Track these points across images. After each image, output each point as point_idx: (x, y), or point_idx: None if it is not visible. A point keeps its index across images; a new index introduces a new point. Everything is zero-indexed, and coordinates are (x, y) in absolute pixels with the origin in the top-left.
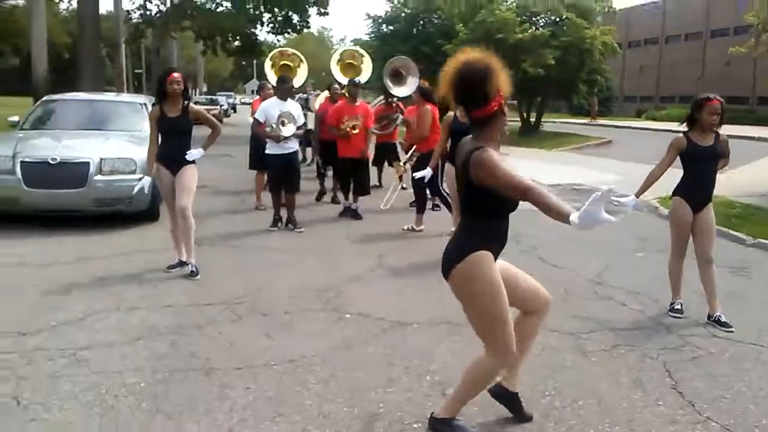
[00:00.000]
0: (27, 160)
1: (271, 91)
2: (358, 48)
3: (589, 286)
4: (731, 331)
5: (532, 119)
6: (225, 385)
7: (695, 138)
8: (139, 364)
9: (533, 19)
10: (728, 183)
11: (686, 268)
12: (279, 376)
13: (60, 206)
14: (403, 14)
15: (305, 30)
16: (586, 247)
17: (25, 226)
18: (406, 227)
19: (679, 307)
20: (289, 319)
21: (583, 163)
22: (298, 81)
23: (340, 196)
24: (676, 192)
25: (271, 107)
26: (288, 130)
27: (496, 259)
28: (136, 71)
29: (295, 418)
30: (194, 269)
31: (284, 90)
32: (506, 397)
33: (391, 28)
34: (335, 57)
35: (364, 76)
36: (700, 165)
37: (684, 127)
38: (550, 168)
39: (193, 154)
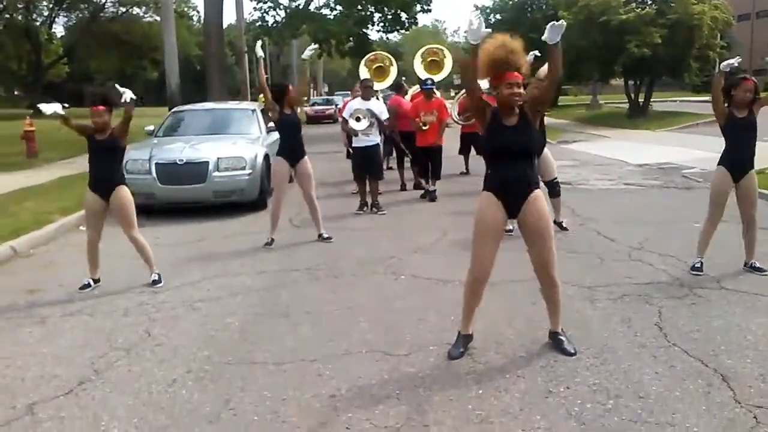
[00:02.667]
0: (160, 162)
1: (359, 91)
2: (439, 45)
3: (626, 251)
4: (765, 274)
5: (641, 100)
6: (295, 323)
7: (735, 111)
8: (235, 310)
9: None
10: None
11: (724, 234)
12: (337, 317)
13: (186, 198)
14: (510, 3)
15: (413, 26)
16: (644, 223)
17: (160, 216)
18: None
19: (699, 265)
20: (354, 279)
21: (681, 142)
22: (389, 80)
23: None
24: (719, 162)
25: (355, 106)
26: (361, 125)
27: (500, 198)
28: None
29: (342, 343)
30: (327, 235)
31: (365, 91)
32: (551, 335)
33: (498, 17)
34: (418, 56)
35: (444, 73)
36: (738, 135)
37: None
38: (642, 148)
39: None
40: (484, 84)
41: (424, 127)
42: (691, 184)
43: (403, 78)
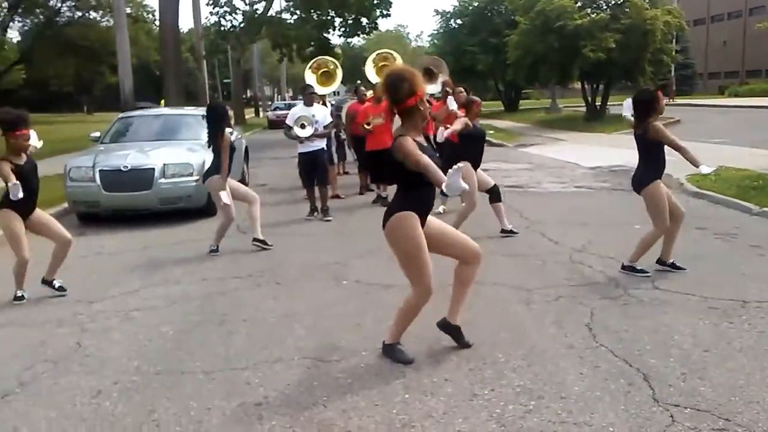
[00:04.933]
0: (104, 168)
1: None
2: (389, 50)
3: (567, 254)
4: (683, 269)
5: (599, 103)
6: (230, 331)
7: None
8: (172, 319)
9: (596, 3)
10: None
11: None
12: (273, 324)
13: (132, 206)
14: (470, 8)
15: (375, 31)
16: (589, 225)
17: (105, 224)
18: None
19: (640, 267)
20: (296, 285)
21: (634, 145)
22: (335, 85)
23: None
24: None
25: (298, 112)
26: (306, 131)
27: (421, 218)
28: (225, 81)
29: (275, 350)
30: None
31: (307, 97)
32: (448, 328)
33: (459, 22)
34: (369, 61)
35: None
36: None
37: None
38: (596, 151)
39: None
40: (434, 88)
41: (368, 126)
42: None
43: (358, 81)
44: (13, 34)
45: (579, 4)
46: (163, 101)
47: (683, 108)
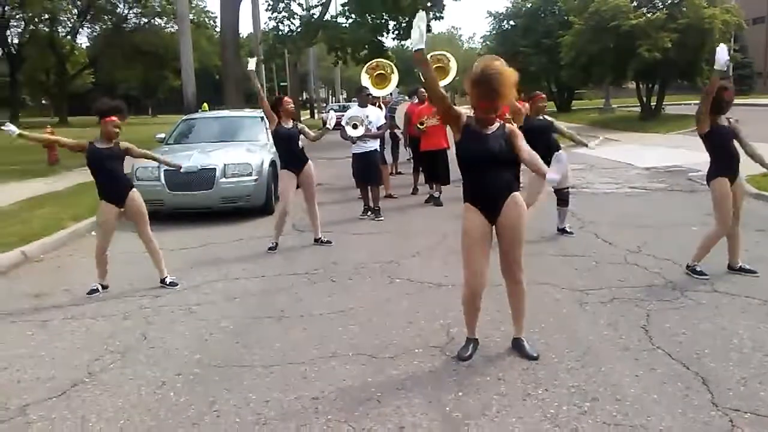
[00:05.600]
0: (169, 168)
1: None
2: (443, 52)
3: (622, 255)
4: (756, 275)
5: (653, 103)
6: (288, 327)
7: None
8: (232, 314)
9: (652, 2)
10: None
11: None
12: (329, 320)
13: (194, 205)
14: (524, 9)
15: (428, 34)
16: (644, 226)
17: (168, 221)
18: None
19: (700, 269)
20: (350, 283)
21: (690, 145)
22: (390, 87)
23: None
24: (719, 173)
25: (352, 113)
26: (358, 132)
27: (481, 209)
28: (282, 84)
29: (331, 346)
30: (326, 239)
31: (361, 98)
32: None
33: (512, 23)
34: None
35: (449, 78)
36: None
37: None
38: (651, 151)
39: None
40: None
41: (421, 126)
42: (695, 187)
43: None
44: (83, 40)
45: (635, 3)
46: (205, 105)
47: (743, 108)
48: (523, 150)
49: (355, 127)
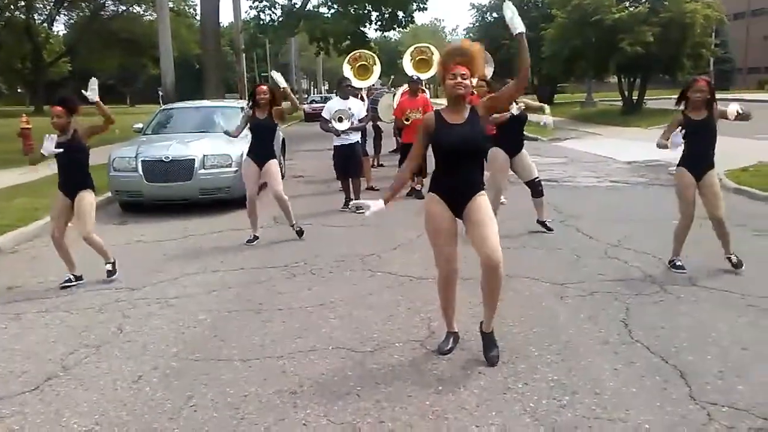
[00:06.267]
0: (146, 159)
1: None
2: (427, 44)
3: (603, 249)
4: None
5: (635, 97)
6: (266, 320)
7: (691, 114)
8: (210, 307)
9: None
10: None
11: (700, 232)
12: (308, 314)
13: (173, 196)
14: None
15: (411, 25)
16: (625, 220)
17: (146, 213)
18: None
19: (680, 263)
20: (330, 276)
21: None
22: (373, 79)
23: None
24: (679, 164)
25: (335, 106)
26: (343, 125)
27: (447, 202)
28: (263, 74)
29: (310, 340)
30: (298, 228)
31: (343, 90)
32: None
33: (495, 15)
34: (407, 55)
35: (433, 71)
36: (697, 135)
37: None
38: (632, 145)
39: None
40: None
41: (407, 122)
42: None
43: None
44: (60, 27)
45: None
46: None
47: (723, 103)
48: (502, 95)
49: (340, 120)
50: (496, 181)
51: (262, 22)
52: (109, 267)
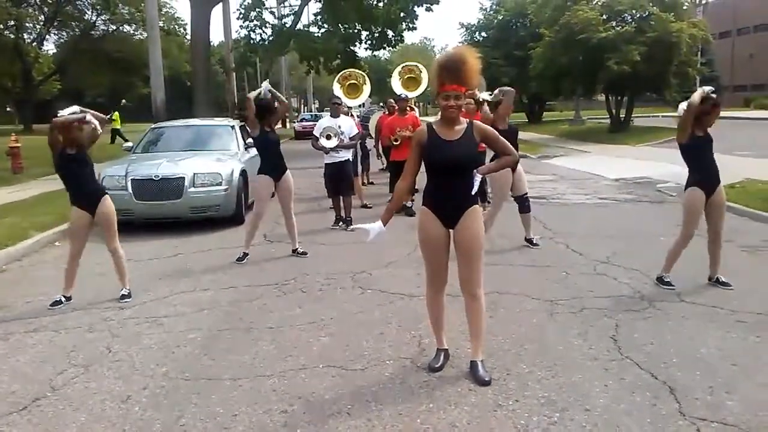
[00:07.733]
0: (136, 177)
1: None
2: (415, 63)
3: (592, 266)
4: (730, 288)
5: (623, 115)
6: (257, 338)
7: (697, 131)
8: (200, 325)
9: (621, 16)
10: None
11: (688, 248)
12: (299, 332)
13: (163, 214)
14: (495, 21)
15: (401, 44)
16: (613, 237)
17: (136, 231)
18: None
19: (668, 279)
20: (321, 294)
21: (658, 156)
22: (363, 98)
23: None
24: (693, 184)
25: (325, 123)
26: (331, 142)
27: (440, 216)
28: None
29: (301, 358)
30: (302, 250)
31: (333, 108)
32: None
33: (484, 35)
34: (395, 73)
35: (421, 89)
36: (705, 153)
37: None
38: (620, 163)
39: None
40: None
41: (395, 143)
42: (664, 198)
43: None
44: (50, 47)
45: (604, 17)
46: (116, 114)
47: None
48: (498, 141)
49: (328, 137)
50: (503, 193)
51: (252, 41)
52: (124, 291)
